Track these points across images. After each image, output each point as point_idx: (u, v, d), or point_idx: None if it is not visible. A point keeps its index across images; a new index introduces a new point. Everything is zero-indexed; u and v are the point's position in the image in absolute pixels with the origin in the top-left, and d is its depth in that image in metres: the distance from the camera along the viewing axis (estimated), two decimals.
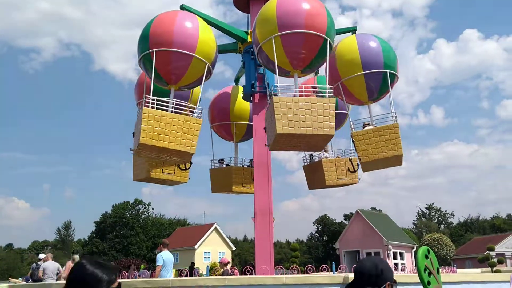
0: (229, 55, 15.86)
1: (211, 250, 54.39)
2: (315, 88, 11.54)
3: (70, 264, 15.89)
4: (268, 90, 11.63)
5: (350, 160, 15.18)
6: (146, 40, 11.66)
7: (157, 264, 12.00)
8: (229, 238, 62.15)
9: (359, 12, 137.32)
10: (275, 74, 11.24)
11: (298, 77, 11.91)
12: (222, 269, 15.81)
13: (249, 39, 14.25)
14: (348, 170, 15.13)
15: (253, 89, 13.91)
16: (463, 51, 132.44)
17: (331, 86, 11.43)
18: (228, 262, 16.85)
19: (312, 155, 15.94)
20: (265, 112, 11.85)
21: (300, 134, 10.42)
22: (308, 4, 11.21)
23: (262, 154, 13.78)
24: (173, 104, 11.30)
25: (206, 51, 11.75)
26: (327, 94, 10.87)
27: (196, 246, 52.61)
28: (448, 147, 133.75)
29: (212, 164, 16.28)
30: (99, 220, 77.28)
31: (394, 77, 12.95)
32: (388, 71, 12.67)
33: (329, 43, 11.33)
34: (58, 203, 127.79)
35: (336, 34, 13.72)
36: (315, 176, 15.62)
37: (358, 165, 14.66)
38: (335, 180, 15.27)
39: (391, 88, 12.93)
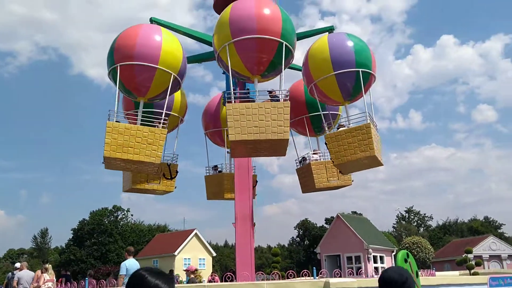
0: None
1: (192, 256, 53.86)
2: (272, 92, 11.47)
3: (38, 273, 15.00)
4: (246, 96, 11.60)
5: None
6: (111, 55, 11.92)
7: (120, 274, 11.50)
8: (209, 244, 61.71)
9: (338, 17, 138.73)
10: (235, 80, 11.45)
11: (258, 82, 11.90)
12: (191, 276, 15.70)
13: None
14: (340, 172, 15.05)
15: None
16: (440, 57, 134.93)
17: (286, 89, 11.35)
18: (196, 270, 16.75)
19: (304, 158, 15.72)
20: None
21: (254, 140, 10.37)
22: (260, 8, 11.24)
23: (242, 159, 13.69)
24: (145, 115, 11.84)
25: (170, 61, 11.83)
26: (281, 98, 10.81)
27: (176, 253, 52.03)
28: (426, 151, 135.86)
29: (207, 171, 16.25)
30: (76, 227, 75.89)
31: (368, 76, 12.61)
32: (361, 69, 12.32)
33: (286, 45, 11.31)
34: (34, 210, 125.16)
35: (313, 35, 13.80)
36: (307, 179, 15.42)
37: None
38: (325, 183, 15.05)
39: (368, 87, 12.79)
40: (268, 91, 11.85)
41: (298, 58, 13.70)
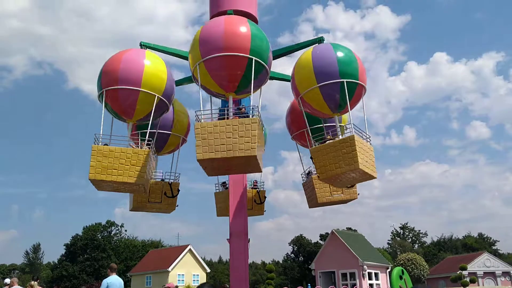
0: None
1: (185, 272, 53.38)
2: (241, 109, 11.42)
3: None
4: (240, 112, 11.60)
5: None
6: (99, 80, 12.35)
7: None
8: (203, 259, 61.21)
9: (333, 34, 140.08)
10: (217, 97, 11.86)
11: (234, 98, 11.98)
12: None
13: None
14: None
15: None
16: (433, 74, 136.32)
17: (254, 105, 11.28)
18: (176, 286, 16.75)
19: (309, 171, 15.23)
20: None
21: (221, 158, 10.37)
22: (228, 26, 11.41)
23: (237, 175, 13.70)
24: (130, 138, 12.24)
25: (154, 83, 12.15)
26: (250, 114, 10.91)
27: (169, 269, 51.53)
28: (420, 167, 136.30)
29: (217, 188, 16.34)
30: (69, 242, 75.14)
31: (355, 86, 12.23)
32: (345, 80, 11.94)
33: (256, 61, 11.39)
34: (26, 225, 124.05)
35: (304, 47, 13.80)
36: (312, 194, 15.01)
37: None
38: (328, 197, 14.66)
39: (358, 98, 12.56)
40: (237, 107, 11.80)
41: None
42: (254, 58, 11.30)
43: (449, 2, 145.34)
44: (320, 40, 13.56)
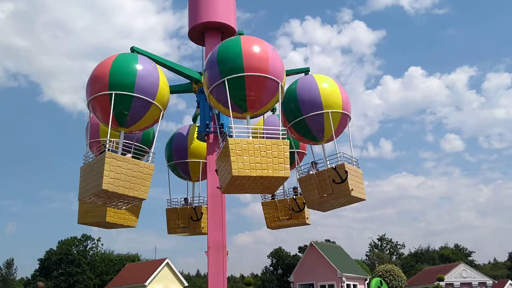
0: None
1: (163, 286, 52.52)
2: (269, 130, 11.25)
3: None
4: (221, 131, 11.60)
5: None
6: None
7: None
8: (181, 273, 60.42)
9: (310, 48, 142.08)
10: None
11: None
12: None
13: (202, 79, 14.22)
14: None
15: (207, 129, 13.85)
16: (409, 87, 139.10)
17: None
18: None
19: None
20: (217, 153, 11.73)
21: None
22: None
23: (215, 182, 13.57)
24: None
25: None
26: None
27: (146, 283, 50.63)
28: (397, 179, 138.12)
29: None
30: (43, 257, 73.38)
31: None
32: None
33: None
34: None
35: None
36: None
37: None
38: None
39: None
40: (264, 128, 11.53)
41: None
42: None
43: (423, 18, 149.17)
44: (306, 71, 14.30)
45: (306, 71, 14.32)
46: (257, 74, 11.10)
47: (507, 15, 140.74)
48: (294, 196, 15.38)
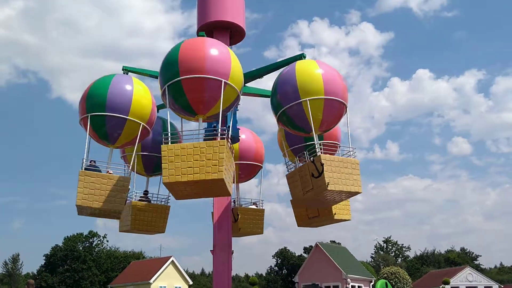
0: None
1: (167, 284, 52.67)
2: (214, 131, 11.01)
3: None
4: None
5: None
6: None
7: None
8: (186, 272, 60.54)
9: (318, 49, 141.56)
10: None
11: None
12: None
13: None
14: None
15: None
16: (416, 90, 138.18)
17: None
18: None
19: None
20: None
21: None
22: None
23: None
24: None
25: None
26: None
27: (151, 281, 50.81)
28: (403, 182, 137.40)
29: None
30: (49, 253, 73.77)
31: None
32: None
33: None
34: (5, 235, 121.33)
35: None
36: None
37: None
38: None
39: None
40: (205, 129, 11.75)
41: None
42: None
43: (431, 21, 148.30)
44: (301, 57, 13.37)
45: (301, 57, 13.36)
46: (192, 76, 10.88)
47: None
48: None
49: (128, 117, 12.15)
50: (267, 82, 14.27)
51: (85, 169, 11.77)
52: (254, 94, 14.84)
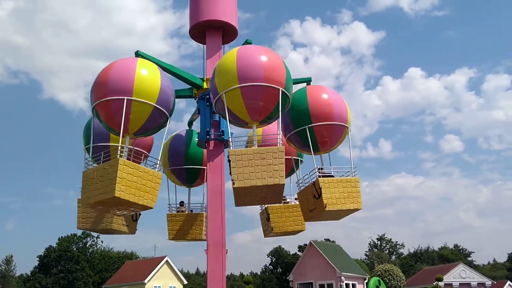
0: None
1: (162, 284, 52.59)
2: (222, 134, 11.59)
3: None
4: (221, 138, 11.77)
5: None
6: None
7: None
8: (181, 271, 60.47)
9: (310, 49, 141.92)
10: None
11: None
12: None
13: (205, 85, 14.13)
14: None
15: (208, 136, 13.61)
16: (408, 88, 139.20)
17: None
18: None
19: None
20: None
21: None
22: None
23: (216, 185, 13.59)
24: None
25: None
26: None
27: (146, 281, 50.69)
28: (396, 179, 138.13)
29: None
30: (42, 254, 73.36)
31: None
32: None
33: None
34: None
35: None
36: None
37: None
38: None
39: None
40: (262, 136, 12.46)
41: None
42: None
43: (422, 20, 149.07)
44: (308, 81, 14.31)
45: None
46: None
47: (507, 16, 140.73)
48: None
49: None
50: None
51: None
52: None
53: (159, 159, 11.70)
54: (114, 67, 11.61)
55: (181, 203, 15.77)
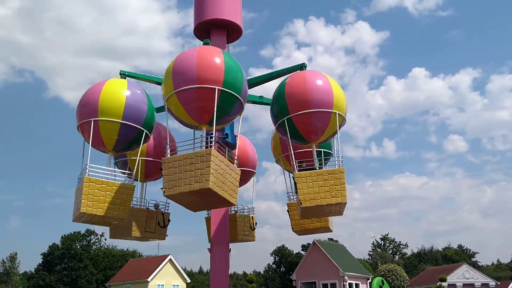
0: None
1: (165, 282, 52.73)
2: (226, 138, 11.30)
3: None
4: (225, 142, 11.71)
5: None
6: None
7: None
8: (184, 270, 60.60)
9: (314, 48, 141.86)
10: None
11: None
12: None
13: None
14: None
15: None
16: (412, 88, 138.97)
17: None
18: None
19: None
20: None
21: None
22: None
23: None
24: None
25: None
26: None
27: (149, 279, 50.84)
28: (400, 179, 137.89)
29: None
30: (46, 251, 73.68)
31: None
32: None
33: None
34: (3, 234, 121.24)
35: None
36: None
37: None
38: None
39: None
40: (223, 136, 12.04)
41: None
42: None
43: (427, 20, 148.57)
44: (302, 66, 13.24)
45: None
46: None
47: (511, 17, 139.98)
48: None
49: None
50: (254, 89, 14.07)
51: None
52: (253, 101, 14.47)
53: (133, 172, 12.02)
54: (87, 90, 12.16)
55: (155, 205, 14.50)
